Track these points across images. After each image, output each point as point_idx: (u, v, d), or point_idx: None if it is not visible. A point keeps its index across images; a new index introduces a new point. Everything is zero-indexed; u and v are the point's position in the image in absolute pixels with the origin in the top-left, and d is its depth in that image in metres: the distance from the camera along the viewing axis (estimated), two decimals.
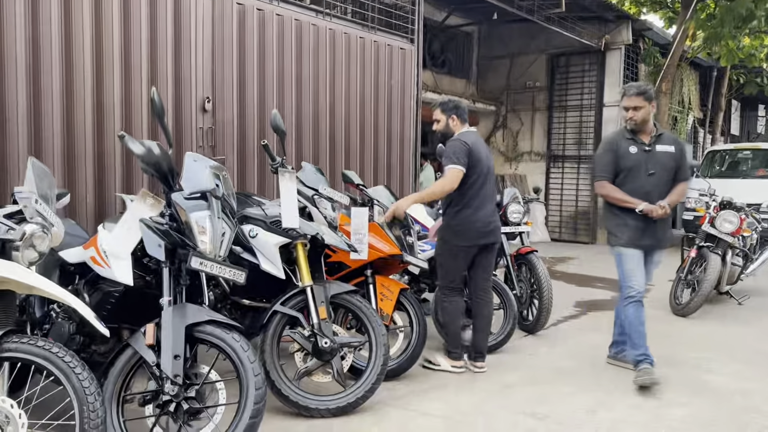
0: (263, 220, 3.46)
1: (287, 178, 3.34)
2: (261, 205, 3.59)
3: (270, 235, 3.40)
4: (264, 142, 3.48)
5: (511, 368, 4.21)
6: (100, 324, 2.37)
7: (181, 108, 4.90)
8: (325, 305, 3.32)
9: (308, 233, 3.38)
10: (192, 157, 2.92)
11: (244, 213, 3.55)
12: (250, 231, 3.43)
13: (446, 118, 4.14)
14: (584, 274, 8.34)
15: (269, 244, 3.38)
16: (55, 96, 4.13)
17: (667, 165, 4.02)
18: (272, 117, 3.44)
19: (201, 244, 2.76)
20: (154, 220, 2.78)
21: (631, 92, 4.00)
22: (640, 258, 4.05)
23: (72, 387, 2.23)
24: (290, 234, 3.37)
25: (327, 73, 6.01)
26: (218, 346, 2.71)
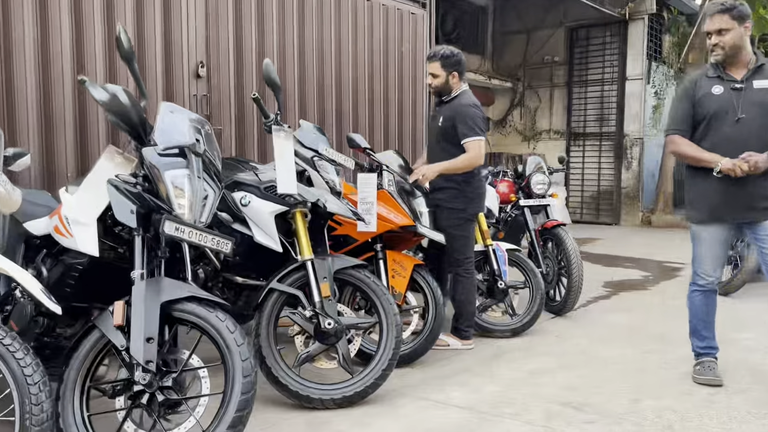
0: (257, 186, 3.05)
1: (283, 138, 2.91)
2: (255, 170, 3.18)
3: (264, 202, 2.99)
4: (255, 95, 3.04)
5: (538, 353, 3.77)
6: (48, 299, 1.97)
7: (172, 74, 4.48)
8: (328, 281, 2.90)
9: (308, 200, 2.95)
10: (168, 108, 2.51)
11: (235, 179, 3.14)
12: (242, 198, 3.02)
13: (447, 74, 3.71)
14: (611, 254, 7.85)
15: (263, 213, 2.97)
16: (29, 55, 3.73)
17: (766, 106, 3.00)
18: (264, 67, 3.02)
19: (178, 208, 2.34)
20: (124, 180, 2.37)
21: (715, 10, 3.00)
22: (721, 239, 3.16)
23: (11, 375, 1.84)
24: (288, 201, 2.95)
25: (332, 38, 5.56)
26: (200, 326, 2.30)
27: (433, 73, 3.73)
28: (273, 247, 2.94)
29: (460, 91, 3.77)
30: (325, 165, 3.13)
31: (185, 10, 4.51)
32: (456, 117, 3.68)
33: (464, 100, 3.74)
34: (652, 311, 4.90)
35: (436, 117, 3.82)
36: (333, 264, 2.97)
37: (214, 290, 3.21)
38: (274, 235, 2.94)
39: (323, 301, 2.86)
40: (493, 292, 4.10)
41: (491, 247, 4.10)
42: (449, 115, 3.72)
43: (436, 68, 3.71)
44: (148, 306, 2.24)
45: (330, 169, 3.14)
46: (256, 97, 3.02)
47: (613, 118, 11.24)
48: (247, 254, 3.08)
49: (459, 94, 3.76)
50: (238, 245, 3.05)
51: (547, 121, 12.08)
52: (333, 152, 3.17)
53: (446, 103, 3.78)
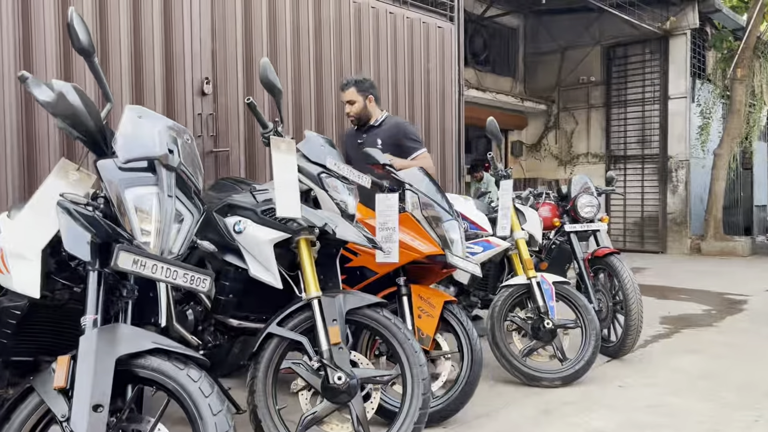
0: (253, 209, 2.53)
1: (283, 150, 2.40)
2: (252, 191, 2.67)
3: (262, 228, 2.46)
4: (249, 100, 2.55)
5: (598, 406, 3.14)
6: None
7: (174, 91, 4.06)
8: (338, 325, 2.35)
9: (315, 225, 2.43)
10: (135, 112, 2.01)
11: (228, 201, 2.64)
12: (236, 224, 2.51)
13: (364, 99, 3.80)
14: (662, 285, 7.14)
15: (261, 242, 2.44)
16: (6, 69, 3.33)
17: None
18: (261, 68, 2.54)
19: (141, 235, 1.84)
20: (75, 201, 1.88)
21: None
22: None
23: None
24: (290, 227, 2.43)
25: (352, 52, 5.11)
26: (166, 387, 1.77)
27: (350, 100, 3.79)
28: (271, 282, 2.41)
29: (384, 115, 3.88)
30: (335, 183, 2.62)
31: (188, 20, 4.10)
32: (398, 135, 3.76)
33: (396, 120, 3.90)
34: (724, 353, 4.22)
35: (363, 143, 3.72)
36: (345, 302, 2.42)
37: (206, 335, 2.69)
38: (272, 268, 2.42)
39: (332, 349, 2.31)
40: (538, 333, 3.49)
41: (535, 280, 3.51)
42: (388, 136, 3.75)
43: (353, 94, 3.78)
44: (99, 362, 1.71)
45: (341, 188, 2.63)
46: (250, 102, 2.53)
47: (655, 139, 10.59)
48: (242, 291, 2.56)
49: (386, 118, 3.87)
50: (232, 281, 2.55)
51: (585, 144, 11.46)
52: (345, 167, 2.65)
53: (376, 127, 3.82)
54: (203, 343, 2.54)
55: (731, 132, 10.26)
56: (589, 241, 4.30)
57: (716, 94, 10.87)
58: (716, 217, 10.19)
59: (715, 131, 10.83)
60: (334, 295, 2.42)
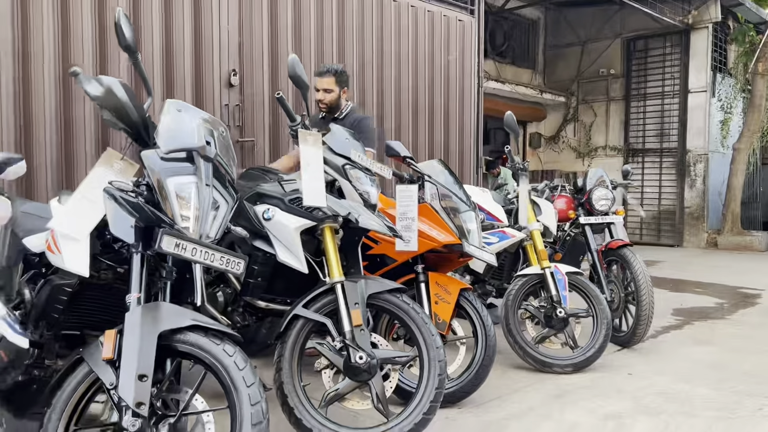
0: (281, 198, 2.68)
1: (310, 143, 2.54)
2: (280, 180, 2.81)
3: (289, 216, 2.61)
4: (279, 94, 2.69)
5: (610, 393, 3.26)
6: (11, 329, 1.63)
7: (202, 82, 4.22)
8: (360, 308, 2.49)
9: (339, 214, 2.57)
10: (175, 105, 2.16)
11: (258, 190, 2.79)
12: (265, 212, 2.66)
13: (339, 90, 3.76)
14: (677, 278, 7.20)
15: (288, 229, 2.59)
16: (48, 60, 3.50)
17: None
18: (290, 63, 2.66)
19: (182, 221, 1.99)
20: (121, 188, 2.03)
21: None
22: None
23: None
24: (315, 215, 2.57)
25: (373, 45, 5.24)
26: (203, 361, 1.93)
27: (327, 88, 3.73)
28: (297, 267, 2.56)
29: (350, 107, 3.86)
30: (358, 174, 2.75)
31: (216, 14, 4.25)
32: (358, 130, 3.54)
33: (358, 115, 3.85)
34: (734, 344, 4.30)
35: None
36: (366, 287, 2.56)
37: (235, 315, 2.85)
38: (299, 254, 2.57)
39: (354, 330, 2.46)
40: (551, 321, 3.61)
41: (549, 270, 3.63)
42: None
43: (331, 83, 3.72)
44: (143, 337, 1.87)
45: (364, 179, 2.75)
46: (280, 97, 2.67)
47: (674, 133, 10.57)
48: (270, 275, 2.72)
49: (350, 111, 3.84)
50: (261, 265, 2.70)
51: (603, 137, 11.47)
52: (367, 159, 2.78)
53: (340, 120, 3.77)
54: (232, 324, 2.69)
55: (751, 126, 10.22)
56: (603, 233, 4.39)
57: (737, 89, 10.82)
58: (734, 212, 10.18)
59: (735, 126, 10.79)
60: (357, 280, 2.56)
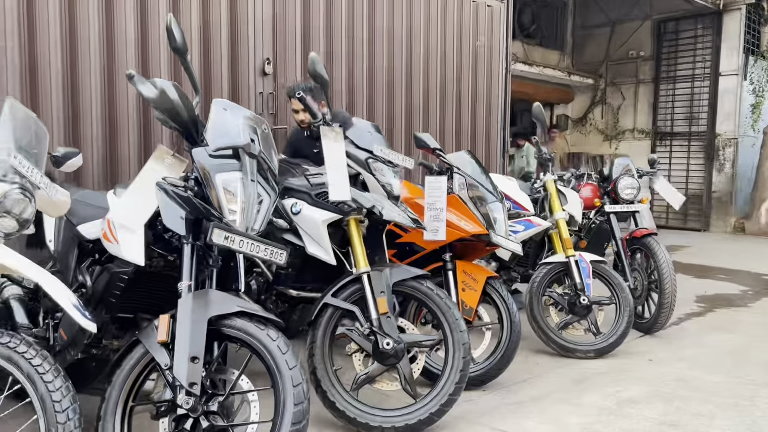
0: (307, 192, 2.83)
1: (332, 138, 2.65)
2: (306, 173, 2.95)
3: (316, 210, 2.76)
4: (299, 94, 2.81)
5: (628, 378, 3.38)
6: (80, 313, 1.80)
7: (238, 71, 4.35)
8: (385, 296, 2.62)
9: (364, 206, 2.70)
10: (221, 105, 2.30)
11: (285, 184, 2.91)
12: (293, 206, 2.81)
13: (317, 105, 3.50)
14: (702, 264, 7.23)
15: (315, 222, 2.74)
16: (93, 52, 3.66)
17: None
18: (310, 61, 2.75)
19: (229, 214, 2.14)
20: (173, 183, 2.18)
21: None
22: None
23: (39, 398, 1.67)
24: (341, 208, 2.71)
25: (403, 32, 5.31)
26: (249, 345, 2.09)
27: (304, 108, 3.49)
28: (326, 259, 2.71)
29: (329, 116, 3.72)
30: (381, 167, 2.86)
31: (252, 4, 4.36)
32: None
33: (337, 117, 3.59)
34: (755, 333, 4.37)
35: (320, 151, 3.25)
36: (391, 275, 2.69)
37: (268, 303, 3.00)
38: (327, 246, 2.71)
39: (381, 318, 2.60)
40: (574, 308, 3.72)
41: (573, 258, 3.73)
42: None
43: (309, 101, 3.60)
44: (195, 322, 2.04)
45: (387, 172, 2.86)
46: (301, 97, 2.78)
47: (704, 116, 10.45)
48: (300, 266, 2.87)
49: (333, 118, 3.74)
50: (291, 256, 2.79)
51: (631, 120, 11.39)
52: (389, 152, 2.87)
53: None
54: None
55: None
56: (628, 221, 4.46)
57: None
58: (763, 198, 10.08)
59: (766, 110, 10.63)
60: (382, 269, 2.69)
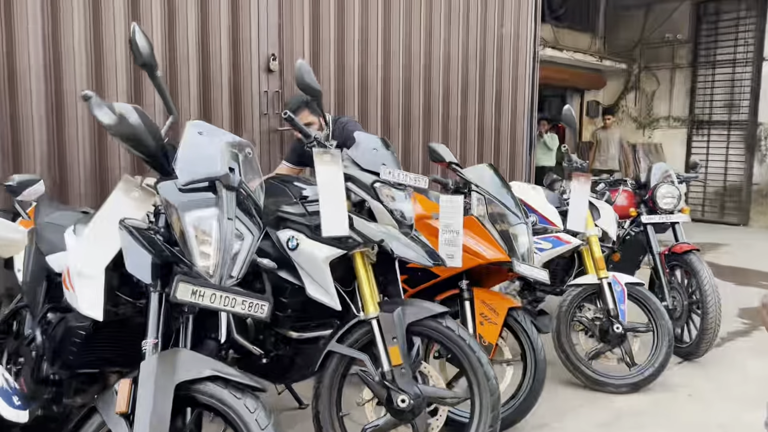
0: (305, 224, 2.41)
1: (328, 162, 2.29)
2: (301, 195, 2.53)
3: (316, 244, 2.34)
4: (287, 115, 2.41)
5: (668, 419, 3.01)
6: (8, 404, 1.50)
7: (240, 68, 4.02)
8: (398, 343, 2.27)
9: (372, 240, 2.33)
10: (196, 128, 1.96)
11: (279, 214, 2.53)
12: (289, 240, 2.40)
13: (318, 117, 3.39)
14: (742, 267, 6.75)
15: (315, 260, 2.33)
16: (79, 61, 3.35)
17: None
18: (297, 72, 2.39)
19: (201, 259, 1.82)
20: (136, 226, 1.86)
21: None
22: None
23: None
24: (345, 243, 2.32)
25: (422, 22, 4.91)
26: (223, 414, 1.78)
27: (306, 122, 3.27)
28: (329, 304, 2.33)
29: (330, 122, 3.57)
30: (390, 192, 2.48)
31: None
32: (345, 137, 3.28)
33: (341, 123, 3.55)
34: None
35: None
36: (405, 316, 2.34)
37: (267, 344, 2.63)
38: (329, 288, 2.32)
39: (394, 371, 2.26)
40: (606, 336, 3.35)
41: (606, 281, 3.35)
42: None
43: (307, 117, 3.35)
44: (159, 389, 1.73)
45: (397, 196, 2.50)
46: (288, 117, 2.39)
47: (745, 104, 9.86)
48: (301, 306, 2.48)
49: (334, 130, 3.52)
50: (290, 296, 2.44)
51: (666, 107, 10.81)
52: (399, 173, 2.48)
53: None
54: (265, 353, 2.48)
55: None
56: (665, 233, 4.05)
57: None
58: None
59: None
60: (393, 308, 2.34)
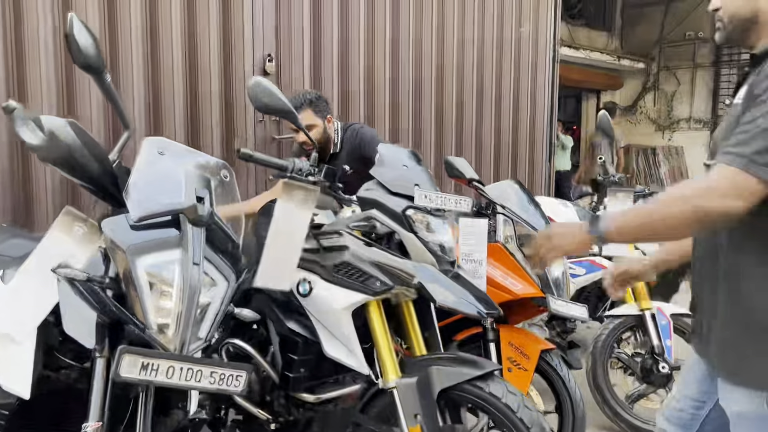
0: (320, 262, 1.88)
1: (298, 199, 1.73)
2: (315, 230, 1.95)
3: (333, 289, 1.85)
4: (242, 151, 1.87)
5: None
6: None
7: (231, 69, 3.60)
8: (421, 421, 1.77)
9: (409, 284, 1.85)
10: (154, 146, 1.54)
11: None
12: (300, 284, 1.90)
13: (323, 121, 3.06)
14: None
15: (333, 309, 1.84)
16: None
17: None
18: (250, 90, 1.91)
19: (157, 318, 1.40)
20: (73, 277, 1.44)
21: None
22: None
23: None
24: (372, 287, 1.82)
25: (433, 21, 4.49)
26: None
27: (308, 124, 2.97)
28: (353, 366, 1.83)
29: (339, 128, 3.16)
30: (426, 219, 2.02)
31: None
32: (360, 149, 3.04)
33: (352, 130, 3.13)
34: None
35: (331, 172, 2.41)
36: (435, 382, 1.81)
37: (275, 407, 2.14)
38: (352, 345, 1.82)
39: None
40: (650, 376, 2.91)
41: (649, 312, 2.91)
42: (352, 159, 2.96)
43: (309, 117, 3.00)
44: None
45: (436, 225, 2.03)
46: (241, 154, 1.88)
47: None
48: (315, 363, 1.97)
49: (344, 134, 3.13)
50: (301, 353, 1.93)
51: (687, 108, 10.34)
52: (437, 195, 2.02)
53: (338, 154, 3.12)
54: (274, 417, 2.02)
55: None
56: None
57: None
58: None
59: None
60: (421, 371, 1.83)
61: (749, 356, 1.37)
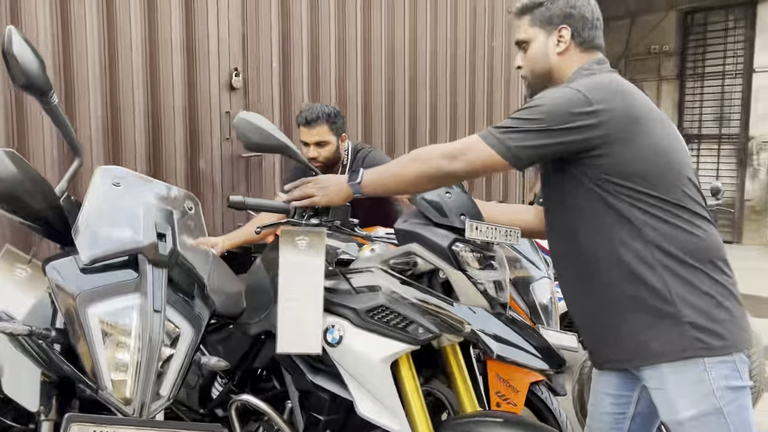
0: (350, 306, 1.64)
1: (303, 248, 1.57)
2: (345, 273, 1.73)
3: (369, 337, 1.60)
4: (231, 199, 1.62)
5: None
6: None
7: (196, 86, 3.42)
8: None
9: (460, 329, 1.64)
10: (108, 177, 1.37)
11: None
12: (328, 332, 1.63)
13: (337, 139, 2.85)
14: (747, 293, 6.29)
15: (371, 361, 1.59)
16: None
17: None
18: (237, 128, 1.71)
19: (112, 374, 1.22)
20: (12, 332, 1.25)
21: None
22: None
23: None
24: (415, 333, 1.59)
25: (406, 32, 4.37)
26: None
27: (320, 140, 2.79)
28: (393, 430, 1.57)
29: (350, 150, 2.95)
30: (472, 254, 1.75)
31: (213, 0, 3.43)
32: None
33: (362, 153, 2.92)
34: None
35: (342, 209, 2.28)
36: None
37: None
38: (392, 403, 1.58)
39: None
40: None
41: None
42: None
43: (323, 133, 2.79)
44: None
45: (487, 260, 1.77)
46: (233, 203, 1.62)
47: (735, 117, 9.52)
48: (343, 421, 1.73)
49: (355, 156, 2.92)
50: (328, 412, 1.70)
51: None
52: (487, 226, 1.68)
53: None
54: None
55: None
56: None
57: None
58: None
59: None
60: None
61: (624, 338, 1.49)
